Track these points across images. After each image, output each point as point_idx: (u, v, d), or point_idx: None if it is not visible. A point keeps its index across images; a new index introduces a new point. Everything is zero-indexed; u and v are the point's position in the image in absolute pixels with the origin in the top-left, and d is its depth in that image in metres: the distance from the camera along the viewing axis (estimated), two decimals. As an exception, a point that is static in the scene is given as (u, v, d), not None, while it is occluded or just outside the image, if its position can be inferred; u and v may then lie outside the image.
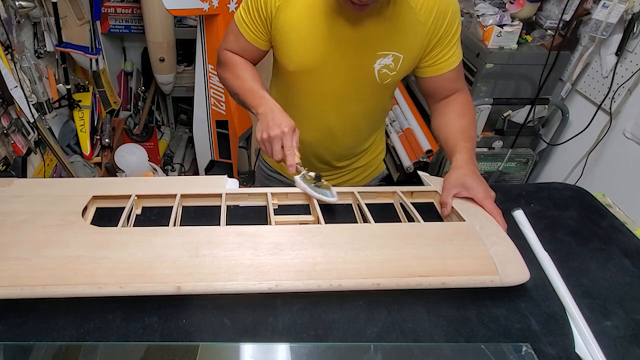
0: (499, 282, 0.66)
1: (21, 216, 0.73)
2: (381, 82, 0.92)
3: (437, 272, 0.66)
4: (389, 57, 0.89)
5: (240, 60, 0.99)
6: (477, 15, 1.91)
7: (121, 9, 2.39)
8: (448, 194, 0.82)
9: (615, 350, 0.62)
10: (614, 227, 0.87)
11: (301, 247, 0.69)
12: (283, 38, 0.89)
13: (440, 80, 0.94)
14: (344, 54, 0.88)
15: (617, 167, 1.66)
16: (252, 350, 0.61)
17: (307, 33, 0.87)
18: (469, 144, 0.88)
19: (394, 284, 0.65)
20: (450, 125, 0.93)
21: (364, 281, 0.65)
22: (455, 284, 0.66)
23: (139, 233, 0.71)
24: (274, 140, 0.82)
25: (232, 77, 0.98)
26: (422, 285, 0.65)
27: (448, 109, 0.96)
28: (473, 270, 0.67)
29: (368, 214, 0.78)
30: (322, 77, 0.92)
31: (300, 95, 0.97)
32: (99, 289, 0.61)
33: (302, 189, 0.83)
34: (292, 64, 0.91)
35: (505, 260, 0.69)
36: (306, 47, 0.88)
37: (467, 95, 0.98)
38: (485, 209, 0.80)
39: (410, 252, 0.69)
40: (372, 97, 0.98)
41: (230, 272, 0.64)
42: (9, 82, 1.50)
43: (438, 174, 1.99)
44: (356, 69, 0.90)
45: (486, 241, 0.72)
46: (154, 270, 0.63)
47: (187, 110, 3.04)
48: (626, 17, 1.54)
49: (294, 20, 0.86)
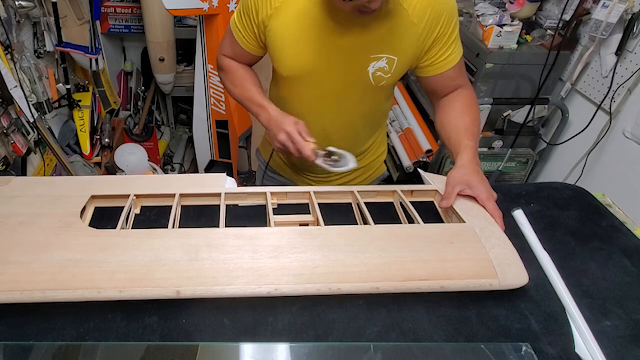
0: (498, 286, 0.66)
1: (20, 218, 0.73)
2: (376, 84, 0.92)
3: (436, 275, 0.66)
4: (383, 60, 0.89)
5: (237, 66, 1.01)
6: (477, 15, 1.91)
7: (121, 9, 2.39)
8: (452, 191, 0.82)
9: (615, 350, 0.62)
10: (614, 227, 0.87)
11: (301, 250, 0.69)
12: (276, 45, 0.89)
13: (441, 79, 0.94)
14: (337, 59, 0.88)
15: (617, 167, 1.66)
16: (252, 350, 0.61)
17: (299, 39, 0.87)
18: (472, 142, 0.88)
19: (393, 288, 0.65)
20: (453, 123, 0.93)
21: (364, 285, 0.64)
22: (454, 287, 0.66)
23: (138, 236, 0.71)
24: (286, 144, 0.85)
25: (232, 86, 1.01)
26: (421, 289, 0.65)
27: (451, 106, 0.96)
28: (473, 273, 0.67)
29: (368, 215, 0.78)
30: (316, 82, 0.92)
31: (295, 99, 0.98)
32: (99, 294, 0.61)
33: (326, 169, 0.87)
34: (285, 70, 0.92)
35: (505, 263, 0.69)
36: (299, 53, 0.88)
37: (469, 91, 0.98)
38: (487, 210, 0.80)
39: (410, 255, 0.69)
40: (367, 100, 0.98)
41: (229, 276, 0.64)
42: (9, 82, 1.50)
43: (438, 173, 1.98)
44: (350, 73, 0.90)
45: (486, 244, 0.72)
46: (154, 274, 0.63)
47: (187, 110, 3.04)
48: (626, 17, 1.54)
49: (287, 27, 0.86)
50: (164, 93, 2.71)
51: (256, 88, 0.97)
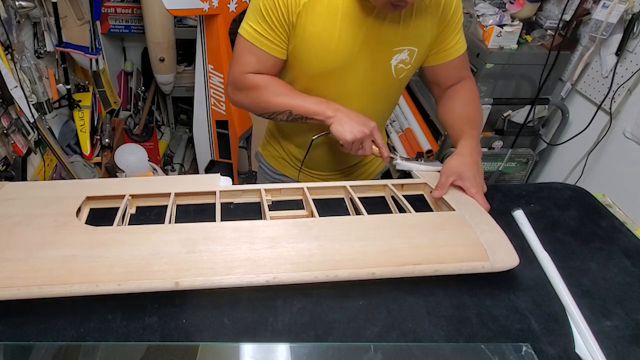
0: (490, 268, 0.68)
1: (15, 218, 0.73)
2: (397, 76, 0.94)
3: (430, 260, 0.67)
4: (405, 52, 0.90)
5: (269, 77, 0.93)
6: (477, 15, 1.91)
7: (121, 9, 2.39)
8: (446, 181, 0.83)
9: (615, 350, 0.62)
10: (614, 227, 0.87)
11: (297, 240, 0.69)
12: (304, 43, 0.88)
13: (446, 67, 0.96)
14: (362, 54, 0.89)
15: (617, 167, 1.66)
16: (252, 350, 0.61)
17: (328, 36, 0.86)
18: (474, 131, 0.89)
19: (388, 273, 0.66)
20: (456, 112, 0.95)
21: (360, 271, 0.65)
22: (447, 270, 0.67)
23: (134, 231, 0.71)
24: (366, 139, 0.86)
25: (271, 97, 0.91)
26: (415, 272, 0.67)
27: (454, 96, 0.97)
28: (465, 257, 0.68)
29: (361, 207, 0.79)
30: (341, 78, 0.92)
31: (321, 96, 0.95)
32: (97, 287, 0.61)
33: (409, 168, 0.92)
34: (312, 69, 0.91)
35: (495, 246, 0.70)
36: (327, 50, 0.88)
37: (472, 83, 0.99)
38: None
39: (403, 242, 0.70)
40: (388, 93, 1.00)
41: (227, 267, 0.64)
42: (9, 82, 1.50)
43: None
44: (374, 67, 0.91)
45: (476, 229, 0.73)
46: (152, 266, 0.63)
47: (187, 110, 3.03)
48: (626, 17, 1.54)
49: (315, 24, 0.86)
50: (164, 93, 2.71)
51: (298, 91, 0.92)
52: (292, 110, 0.90)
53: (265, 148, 1.22)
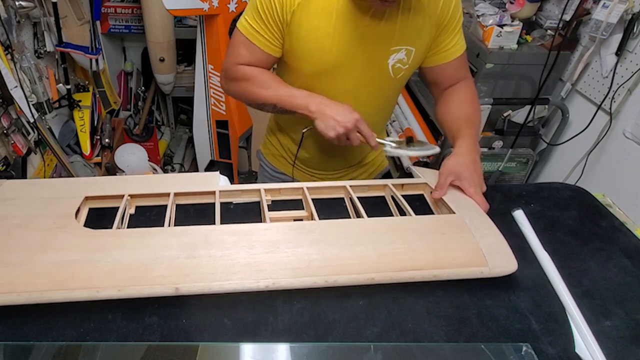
0: (488, 273, 0.68)
1: (14, 220, 0.73)
2: (395, 76, 0.94)
3: (429, 265, 0.68)
4: (402, 51, 0.90)
5: (260, 70, 0.94)
6: (477, 15, 1.91)
7: (121, 9, 2.39)
8: (445, 182, 0.83)
9: (615, 350, 0.62)
10: (614, 227, 0.87)
11: (296, 244, 0.69)
12: (299, 42, 0.88)
13: (445, 68, 0.96)
14: (358, 53, 0.89)
15: (617, 167, 1.66)
16: (252, 350, 0.61)
17: (323, 35, 0.86)
18: (471, 131, 0.89)
19: (387, 278, 0.66)
20: (454, 112, 0.95)
21: (359, 276, 0.66)
22: (446, 276, 0.67)
23: (134, 234, 0.71)
24: (351, 131, 0.84)
25: (259, 89, 0.93)
26: (414, 278, 0.67)
27: (453, 96, 0.97)
28: (463, 262, 0.69)
29: (361, 208, 0.79)
30: (337, 77, 0.92)
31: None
32: (97, 293, 0.61)
33: (399, 155, 0.88)
34: (308, 67, 0.91)
35: (494, 251, 0.70)
36: (323, 48, 0.88)
37: (471, 84, 0.99)
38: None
39: (402, 246, 0.70)
40: (386, 92, 1.00)
41: (227, 272, 0.64)
42: (9, 82, 1.50)
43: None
44: (371, 66, 0.91)
45: (475, 233, 0.73)
46: (151, 272, 0.63)
47: (187, 110, 3.03)
48: (626, 17, 1.54)
49: (310, 23, 0.86)
50: (164, 93, 2.71)
51: (286, 84, 0.92)
52: (276, 103, 0.91)
53: (266, 146, 1.22)
